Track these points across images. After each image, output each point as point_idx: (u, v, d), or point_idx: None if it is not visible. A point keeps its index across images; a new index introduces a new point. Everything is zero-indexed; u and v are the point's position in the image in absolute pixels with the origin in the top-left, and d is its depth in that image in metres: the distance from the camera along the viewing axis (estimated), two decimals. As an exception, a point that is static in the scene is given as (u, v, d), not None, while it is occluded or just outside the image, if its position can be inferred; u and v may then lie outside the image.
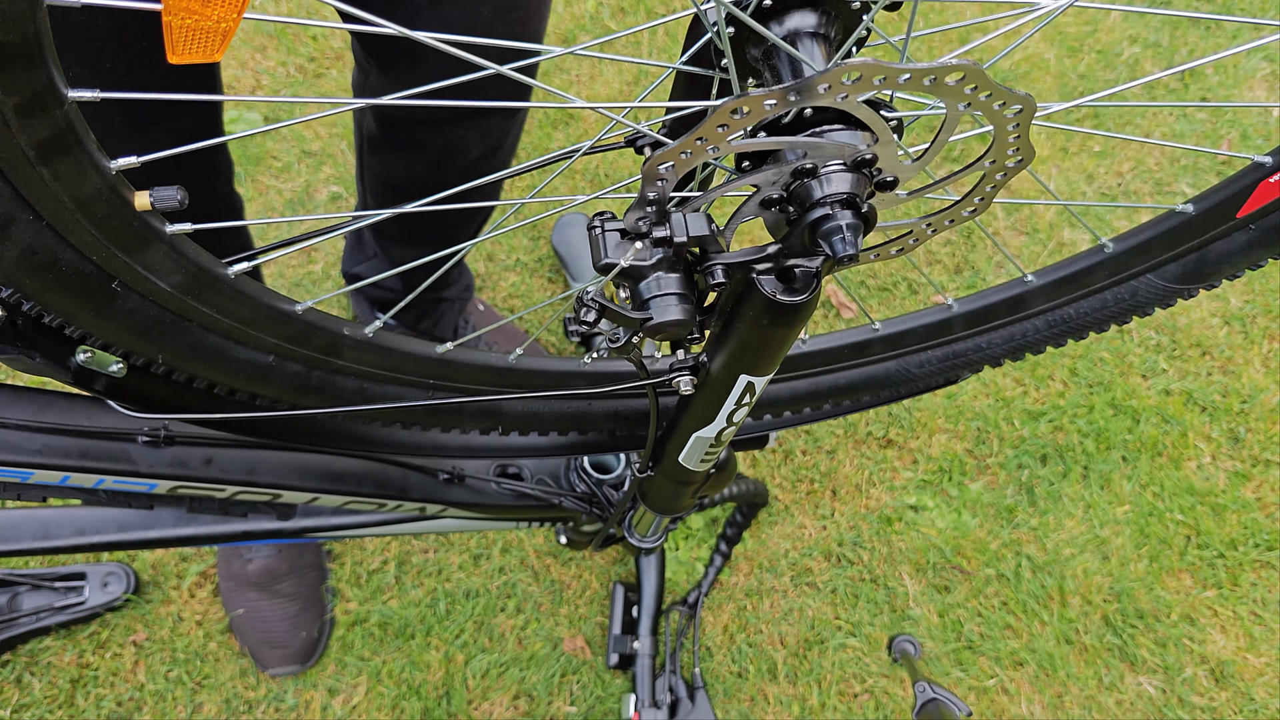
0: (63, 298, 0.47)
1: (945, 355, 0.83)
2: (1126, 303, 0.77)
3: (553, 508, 1.07)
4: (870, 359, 0.83)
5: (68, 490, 0.76)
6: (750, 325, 0.56)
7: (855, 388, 0.86)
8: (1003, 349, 0.82)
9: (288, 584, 1.48)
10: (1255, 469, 1.68)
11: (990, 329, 0.81)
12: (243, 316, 0.55)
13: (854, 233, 0.49)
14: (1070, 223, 1.90)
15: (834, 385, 0.86)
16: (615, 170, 1.90)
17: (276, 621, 1.46)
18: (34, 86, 0.37)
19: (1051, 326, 0.80)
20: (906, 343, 0.81)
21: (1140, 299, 0.76)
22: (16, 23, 0.34)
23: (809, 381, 0.85)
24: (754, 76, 0.53)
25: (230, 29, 0.37)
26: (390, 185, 1.30)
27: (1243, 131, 1.99)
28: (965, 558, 1.61)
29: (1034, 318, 0.80)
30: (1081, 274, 0.75)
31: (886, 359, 0.83)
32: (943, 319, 0.79)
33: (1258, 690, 1.51)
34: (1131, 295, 0.76)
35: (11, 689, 1.45)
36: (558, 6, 2.10)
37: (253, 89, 1.99)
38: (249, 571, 1.47)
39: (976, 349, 0.82)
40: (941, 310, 0.79)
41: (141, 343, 0.54)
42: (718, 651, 1.55)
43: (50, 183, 0.41)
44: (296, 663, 1.48)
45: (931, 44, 2.08)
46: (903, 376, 0.84)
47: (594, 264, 0.52)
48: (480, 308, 1.72)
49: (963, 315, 0.78)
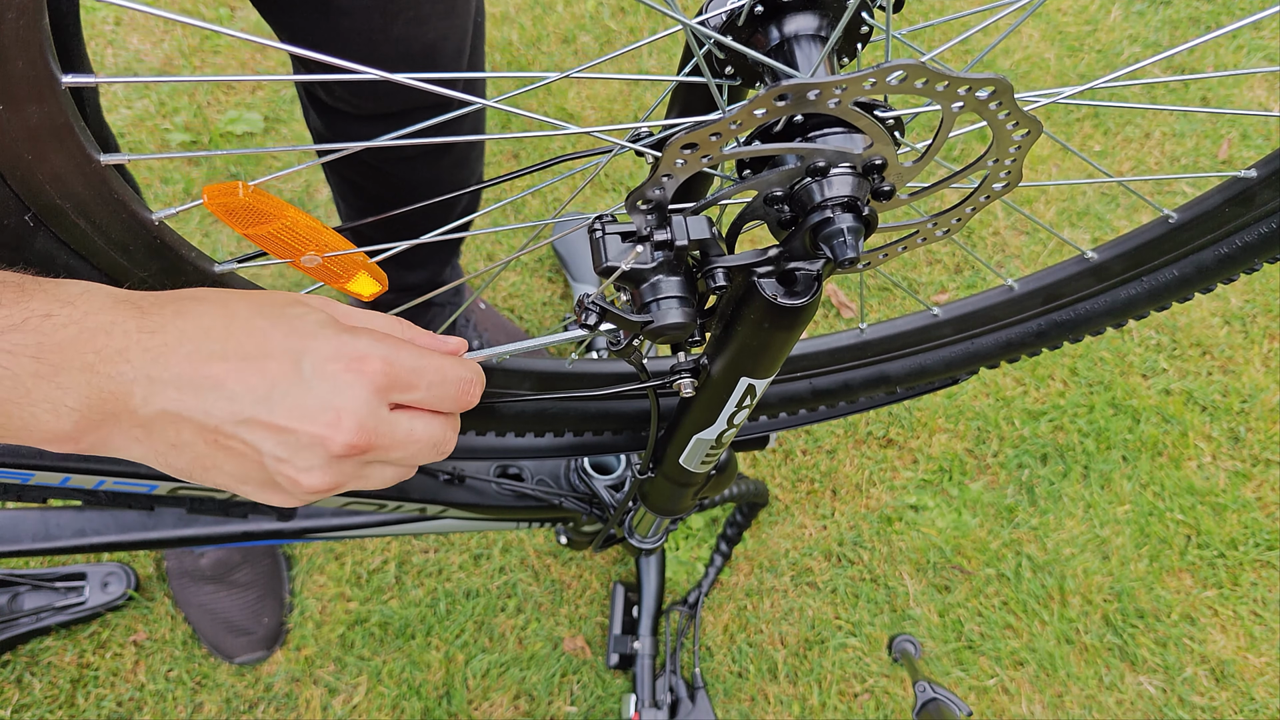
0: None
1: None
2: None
3: (553, 508, 1.07)
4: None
5: (68, 491, 0.76)
6: (751, 328, 0.56)
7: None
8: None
9: (243, 573, 1.49)
10: (1256, 468, 1.68)
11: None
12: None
13: (855, 236, 0.49)
14: (1071, 223, 1.90)
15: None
16: (616, 171, 1.90)
17: (237, 610, 1.47)
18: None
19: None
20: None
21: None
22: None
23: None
24: (758, 81, 0.54)
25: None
26: (348, 181, 1.30)
27: (1243, 131, 1.98)
28: (965, 557, 1.61)
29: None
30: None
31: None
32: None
33: (1258, 690, 1.51)
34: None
35: (12, 689, 1.45)
36: (557, 6, 2.09)
37: (253, 88, 1.99)
38: (202, 565, 1.47)
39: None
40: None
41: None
42: (718, 651, 1.55)
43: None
44: (262, 649, 1.48)
45: (930, 40, 2.08)
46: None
47: (595, 267, 0.52)
48: (481, 306, 1.72)
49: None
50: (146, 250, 0.48)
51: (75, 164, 0.42)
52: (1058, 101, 0.56)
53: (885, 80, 0.43)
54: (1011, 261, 1.87)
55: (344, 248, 0.51)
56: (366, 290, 0.55)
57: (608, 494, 1.07)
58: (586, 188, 1.89)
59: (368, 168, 1.23)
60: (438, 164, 1.22)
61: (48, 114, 0.40)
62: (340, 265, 0.52)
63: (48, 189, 0.42)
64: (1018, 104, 0.47)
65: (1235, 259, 0.73)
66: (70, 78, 0.39)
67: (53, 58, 0.38)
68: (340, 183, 1.33)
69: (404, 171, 1.22)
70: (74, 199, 0.43)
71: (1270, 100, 2.04)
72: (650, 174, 0.49)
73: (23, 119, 0.39)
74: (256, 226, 0.47)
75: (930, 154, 0.51)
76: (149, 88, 1.95)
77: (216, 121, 1.93)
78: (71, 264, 0.46)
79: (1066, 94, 0.56)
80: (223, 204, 0.45)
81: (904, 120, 0.50)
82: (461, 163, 1.26)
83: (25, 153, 0.40)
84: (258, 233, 0.47)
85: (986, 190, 0.55)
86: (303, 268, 0.51)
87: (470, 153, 1.27)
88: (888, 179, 0.50)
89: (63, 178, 0.42)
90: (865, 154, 0.49)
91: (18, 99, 0.38)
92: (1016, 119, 0.48)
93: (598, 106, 1.98)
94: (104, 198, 0.45)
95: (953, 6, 2.16)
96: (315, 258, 0.50)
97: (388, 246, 0.57)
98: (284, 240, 0.48)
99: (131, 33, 2.03)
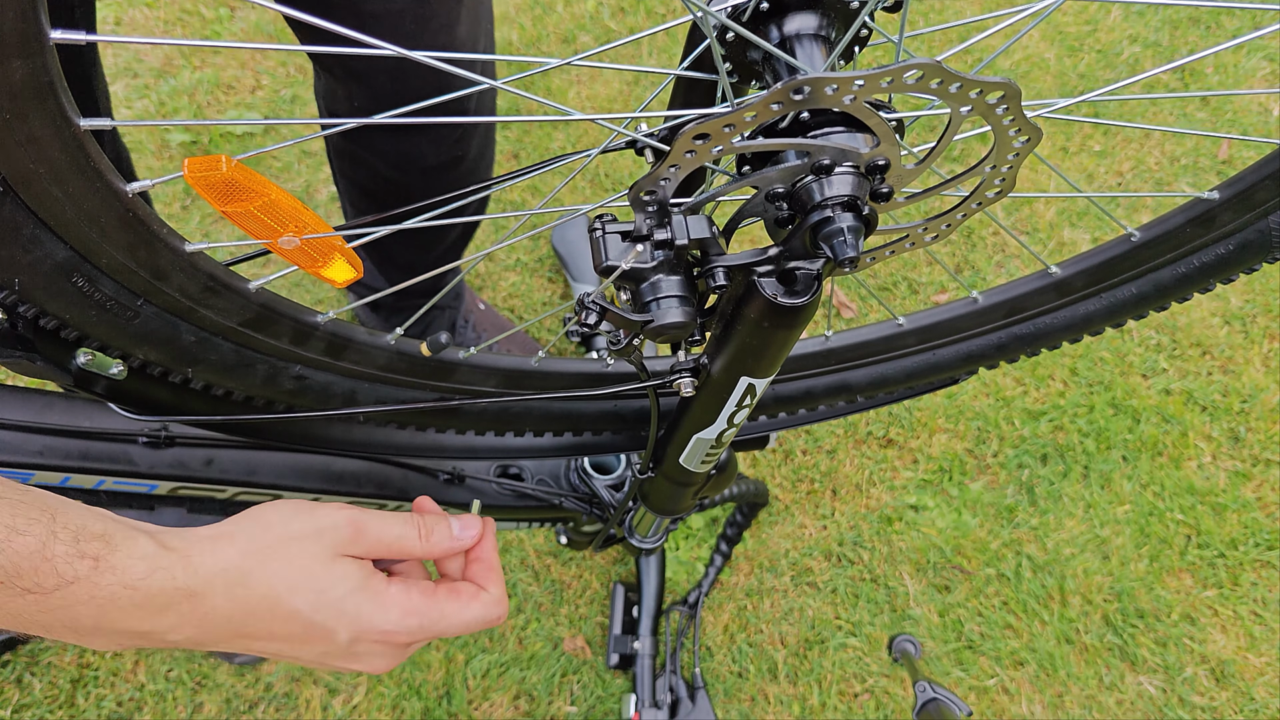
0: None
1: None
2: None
3: (553, 508, 1.07)
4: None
5: (69, 491, 0.76)
6: (751, 327, 0.56)
7: (979, 356, 0.86)
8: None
9: None
10: (1256, 468, 1.68)
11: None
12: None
13: (855, 235, 0.49)
14: (1070, 222, 1.90)
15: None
16: (615, 170, 1.90)
17: None
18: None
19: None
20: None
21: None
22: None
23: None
24: (755, 79, 0.53)
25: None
26: (361, 190, 1.31)
27: (1243, 131, 1.98)
28: (965, 557, 1.61)
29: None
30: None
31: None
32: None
33: (1258, 690, 1.51)
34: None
35: (12, 689, 1.45)
36: (557, 7, 2.10)
37: (253, 88, 1.99)
38: None
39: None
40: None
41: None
42: (718, 651, 1.55)
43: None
44: None
45: (932, 43, 2.08)
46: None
47: (595, 267, 0.52)
48: (481, 307, 1.72)
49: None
50: (118, 223, 0.46)
51: (54, 127, 0.40)
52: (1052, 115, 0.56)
53: (902, 78, 0.43)
54: (1011, 262, 1.87)
55: (323, 230, 0.50)
56: (341, 276, 0.53)
57: (608, 494, 1.07)
58: (586, 187, 1.89)
59: (386, 180, 1.23)
60: (454, 172, 1.23)
61: (32, 71, 0.38)
62: (317, 249, 0.51)
63: (22, 152, 0.40)
64: (1024, 111, 0.47)
65: (1192, 279, 0.74)
66: (59, 33, 0.38)
67: (44, 12, 0.37)
68: (352, 190, 1.33)
69: (421, 184, 1.22)
70: (49, 165, 0.41)
71: (1270, 100, 2.04)
72: (655, 165, 0.48)
73: (5, 75, 0.37)
74: (236, 203, 0.45)
75: (933, 156, 0.51)
76: (149, 88, 1.95)
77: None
78: (37, 234, 0.44)
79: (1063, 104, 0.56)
80: (203, 177, 0.44)
81: (905, 123, 0.50)
82: (473, 173, 1.27)
83: (3, 111, 0.38)
84: (237, 209, 0.46)
85: (979, 197, 0.55)
86: (280, 250, 0.49)
87: (480, 162, 1.29)
88: (888, 180, 0.50)
89: (40, 141, 0.40)
90: (870, 154, 0.49)
91: (3, 52, 0.36)
92: (1020, 125, 0.48)
93: (598, 107, 1.98)
94: (79, 165, 0.43)
95: (953, 9, 2.16)
96: (293, 239, 0.49)
97: (366, 231, 0.56)
98: (264, 219, 0.47)
99: (131, 33, 2.03)
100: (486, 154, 1.30)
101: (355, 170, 1.28)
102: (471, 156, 1.25)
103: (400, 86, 1.06)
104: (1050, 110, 0.55)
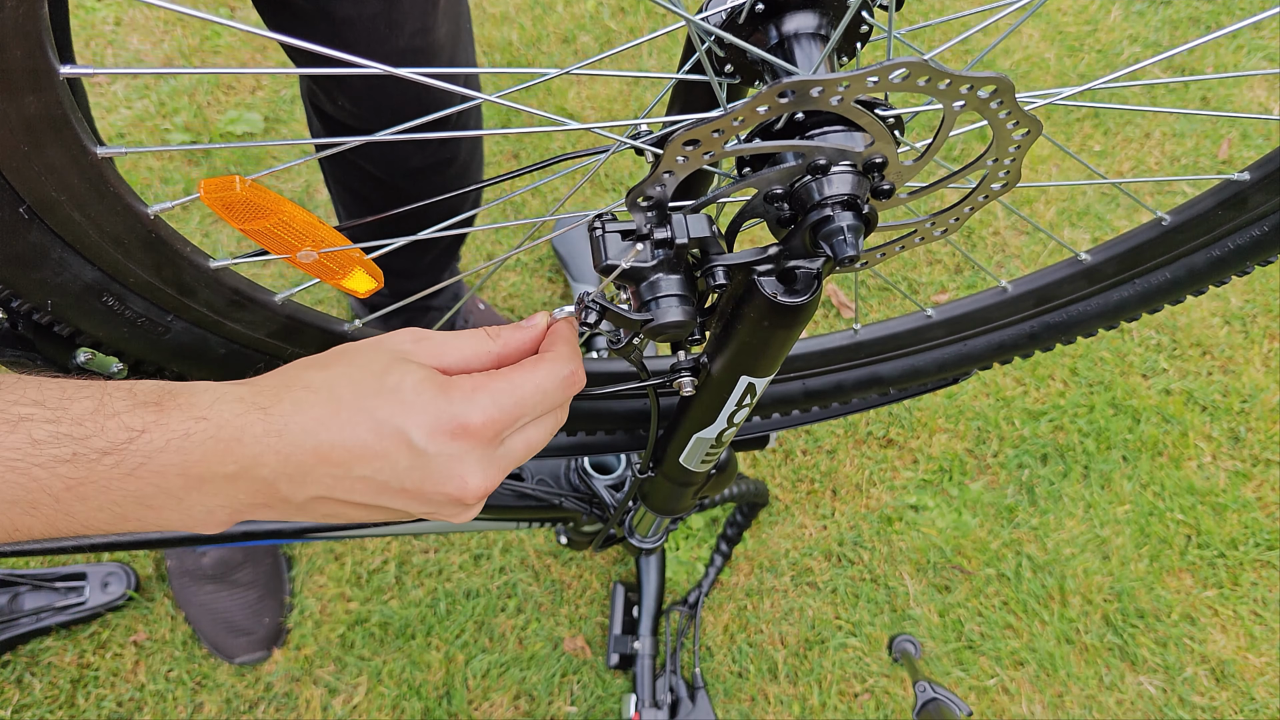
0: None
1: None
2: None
3: (553, 508, 1.07)
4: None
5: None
6: (751, 326, 0.56)
7: (1011, 345, 0.87)
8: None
9: (244, 573, 1.49)
10: (1256, 468, 1.68)
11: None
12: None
13: (854, 234, 0.49)
14: (1070, 222, 1.90)
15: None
16: (616, 171, 1.90)
17: (238, 610, 1.48)
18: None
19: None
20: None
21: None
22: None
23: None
24: (758, 79, 0.54)
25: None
26: (353, 193, 1.32)
27: (1243, 130, 1.98)
28: (966, 557, 1.61)
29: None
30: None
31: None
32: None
33: (1258, 690, 1.51)
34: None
35: (12, 689, 1.45)
36: (557, 7, 2.10)
37: (253, 89, 1.99)
38: (203, 565, 1.48)
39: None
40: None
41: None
42: (718, 651, 1.55)
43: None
44: (262, 649, 1.49)
45: (930, 40, 2.08)
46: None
47: (595, 266, 0.52)
48: (480, 307, 1.72)
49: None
50: (142, 245, 0.48)
51: (72, 156, 0.42)
52: (1054, 103, 0.56)
53: (888, 78, 0.43)
54: (1011, 261, 1.87)
55: (340, 244, 0.51)
56: (362, 287, 0.55)
57: (608, 494, 1.07)
58: (586, 187, 1.89)
59: (375, 181, 1.23)
60: (443, 174, 1.23)
61: (45, 105, 0.39)
62: (336, 261, 0.52)
63: (43, 181, 0.42)
64: (1019, 103, 0.47)
65: (1227, 262, 0.73)
66: (68, 68, 0.39)
67: (51, 48, 0.38)
68: (343, 193, 1.33)
69: (410, 185, 1.23)
70: (70, 192, 0.43)
71: (1270, 100, 2.04)
72: (651, 171, 0.49)
73: (19, 109, 0.38)
74: (253, 221, 0.47)
75: (931, 153, 0.51)
76: (149, 88, 1.95)
77: (216, 122, 1.93)
78: (65, 257, 0.46)
79: (1066, 94, 0.56)
80: (220, 198, 0.45)
81: (904, 119, 0.50)
82: (463, 174, 1.27)
83: (21, 144, 0.39)
84: (254, 228, 0.47)
85: (985, 190, 0.55)
86: (299, 264, 0.51)
87: (471, 163, 1.29)
88: (888, 178, 0.50)
89: (59, 170, 0.42)
90: (866, 152, 0.49)
91: (15, 89, 0.38)
92: (1017, 118, 0.48)
93: (597, 107, 1.98)
94: (100, 191, 0.44)
95: (953, 6, 2.16)
96: (311, 253, 0.50)
97: (384, 243, 0.57)
98: (280, 236, 0.48)
99: (131, 33, 2.03)
100: (477, 155, 1.31)
101: (345, 173, 1.29)
102: (461, 159, 1.25)
103: (378, 93, 1.06)
104: (1046, 101, 0.55)
